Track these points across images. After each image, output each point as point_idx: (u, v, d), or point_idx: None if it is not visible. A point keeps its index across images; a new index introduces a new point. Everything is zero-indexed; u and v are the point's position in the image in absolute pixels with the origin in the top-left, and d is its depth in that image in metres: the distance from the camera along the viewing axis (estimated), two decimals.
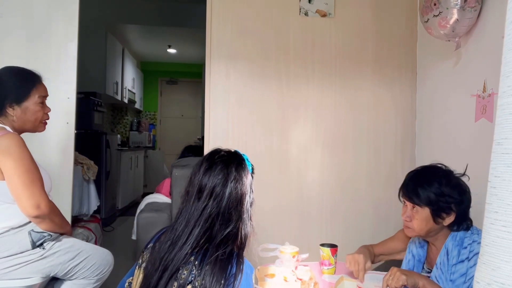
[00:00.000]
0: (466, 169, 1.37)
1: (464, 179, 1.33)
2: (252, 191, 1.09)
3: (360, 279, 1.33)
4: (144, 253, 1.06)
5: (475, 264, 0.77)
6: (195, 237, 0.97)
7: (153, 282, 0.95)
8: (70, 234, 1.64)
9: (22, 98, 1.50)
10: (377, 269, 1.57)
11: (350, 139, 2.28)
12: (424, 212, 1.26)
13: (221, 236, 0.99)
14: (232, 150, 1.12)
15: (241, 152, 1.13)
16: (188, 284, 0.93)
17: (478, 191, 1.56)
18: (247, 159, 1.11)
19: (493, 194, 0.60)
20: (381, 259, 1.60)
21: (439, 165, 1.35)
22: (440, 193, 1.25)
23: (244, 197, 1.03)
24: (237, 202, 1.02)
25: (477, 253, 1.15)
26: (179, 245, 0.97)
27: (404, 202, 1.34)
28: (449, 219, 1.26)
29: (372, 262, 1.51)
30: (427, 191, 1.26)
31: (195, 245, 0.97)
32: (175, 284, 0.94)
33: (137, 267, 1.07)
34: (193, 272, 0.94)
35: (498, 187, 0.59)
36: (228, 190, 1.01)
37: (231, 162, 1.05)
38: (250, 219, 1.06)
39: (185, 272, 0.94)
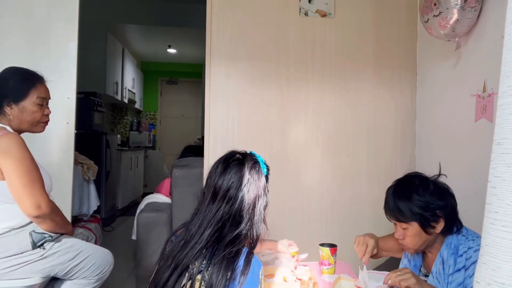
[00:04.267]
0: (440, 169, 1.35)
1: (443, 179, 1.32)
2: (266, 194, 1.10)
3: (365, 261, 1.32)
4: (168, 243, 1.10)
5: (473, 274, 0.76)
6: (206, 237, 1.00)
7: (164, 278, 0.98)
8: (71, 233, 1.64)
9: (20, 97, 1.50)
10: (377, 268, 1.56)
11: (350, 139, 2.28)
12: (413, 228, 1.25)
13: (230, 236, 1.01)
14: (248, 152, 1.13)
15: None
16: (198, 274, 0.96)
17: (478, 191, 1.56)
18: (263, 162, 1.12)
19: (493, 194, 0.60)
20: (381, 255, 1.59)
21: (414, 174, 1.34)
22: (422, 204, 1.23)
23: (257, 200, 1.06)
24: (249, 205, 1.04)
25: (474, 262, 1.13)
26: (191, 245, 1.00)
27: (393, 222, 1.33)
28: (439, 226, 1.24)
29: (374, 254, 1.50)
30: (409, 205, 1.24)
31: (205, 244, 1.00)
32: (186, 274, 0.97)
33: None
34: (203, 263, 0.97)
35: (498, 187, 0.59)
36: (241, 194, 1.03)
37: (245, 165, 1.07)
38: (263, 221, 1.09)
39: (196, 263, 0.98)
